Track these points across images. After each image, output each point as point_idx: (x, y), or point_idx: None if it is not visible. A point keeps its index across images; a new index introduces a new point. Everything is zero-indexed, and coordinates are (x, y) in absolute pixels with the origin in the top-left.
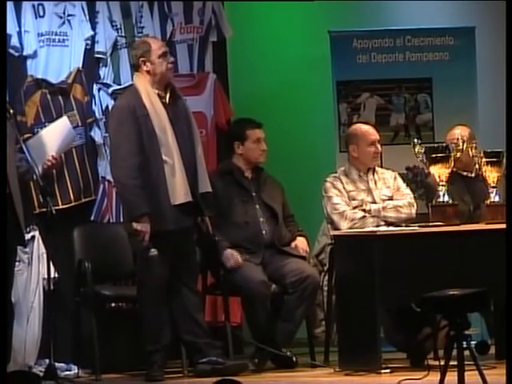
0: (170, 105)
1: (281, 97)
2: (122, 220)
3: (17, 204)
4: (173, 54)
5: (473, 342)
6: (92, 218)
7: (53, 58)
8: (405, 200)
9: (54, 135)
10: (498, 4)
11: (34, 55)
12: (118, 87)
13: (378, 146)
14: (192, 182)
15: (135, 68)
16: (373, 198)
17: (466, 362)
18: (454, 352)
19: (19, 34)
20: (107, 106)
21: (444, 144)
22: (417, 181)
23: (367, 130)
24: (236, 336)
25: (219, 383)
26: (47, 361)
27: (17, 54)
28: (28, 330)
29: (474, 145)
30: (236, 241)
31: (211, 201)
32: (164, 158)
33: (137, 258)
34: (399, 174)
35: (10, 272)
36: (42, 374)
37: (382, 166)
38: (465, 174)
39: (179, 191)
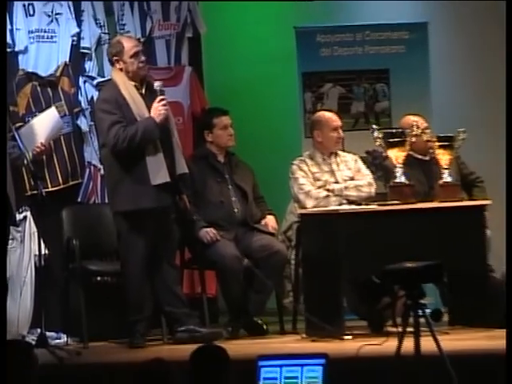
0: (147, 95)
1: (251, 87)
2: (106, 201)
3: (8, 187)
4: (150, 49)
5: (428, 310)
6: (79, 200)
7: (42, 53)
8: (365, 180)
9: (44, 124)
10: (450, 1)
11: (25, 51)
12: (102, 79)
13: (340, 131)
14: (170, 164)
15: (111, 64)
16: (336, 178)
17: (421, 329)
18: (411, 319)
19: (11, 31)
20: (92, 97)
21: (400, 130)
22: (376, 163)
23: (330, 117)
24: (211, 306)
25: (203, 348)
26: (39, 330)
27: (9, 50)
28: (21, 302)
29: (428, 130)
30: (211, 219)
31: (188, 182)
32: (148, 146)
33: (120, 236)
34: (360, 157)
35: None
36: (34, 343)
37: (343, 150)
38: (420, 157)
39: (158, 172)
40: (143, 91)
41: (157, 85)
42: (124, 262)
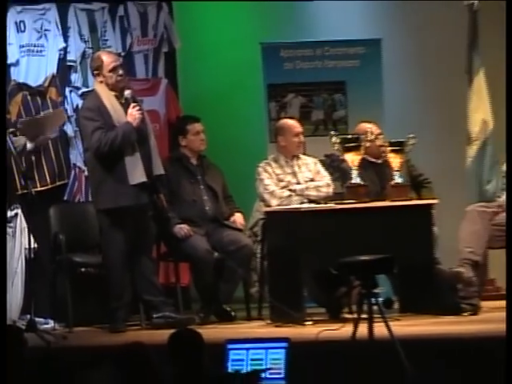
0: (126, 104)
1: (221, 97)
2: (90, 199)
3: None
4: (129, 63)
5: (380, 299)
6: (65, 198)
7: (32, 66)
8: (324, 181)
9: (50, 120)
10: (402, 19)
11: (17, 63)
12: (86, 90)
13: (302, 137)
14: (147, 166)
15: (93, 76)
16: (297, 179)
17: (374, 315)
18: (365, 307)
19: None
20: (77, 106)
21: (356, 135)
22: (333, 166)
23: (292, 124)
24: (185, 295)
25: (180, 333)
26: (28, 316)
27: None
28: (12, 291)
29: (381, 136)
30: (185, 216)
31: (164, 182)
32: (127, 151)
33: (102, 231)
34: (319, 160)
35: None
36: (24, 327)
37: (305, 154)
38: (373, 160)
39: (136, 173)
40: (123, 100)
41: (127, 93)
42: (106, 255)
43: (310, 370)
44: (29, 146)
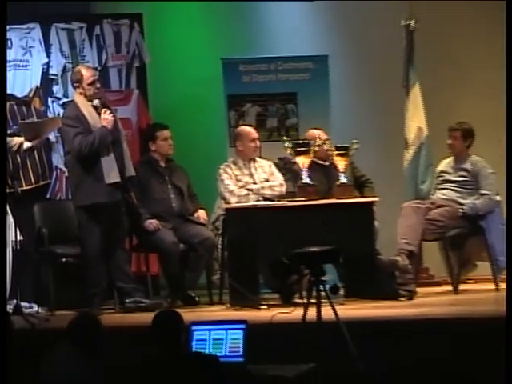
0: (99, 110)
1: (187, 106)
2: (70, 197)
3: None
4: (105, 76)
5: (327, 286)
6: (48, 196)
7: (18, 79)
8: (277, 181)
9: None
10: (348, 37)
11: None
12: (67, 100)
13: (257, 142)
14: (121, 167)
15: (73, 88)
16: (254, 180)
17: (322, 300)
18: (314, 293)
19: None
20: (59, 114)
21: (306, 141)
22: (286, 168)
23: (249, 130)
24: (154, 282)
25: (163, 313)
26: (15, 301)
27: None
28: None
29: (328, 141)
30: (154, 212)
31: (135, 182)
32: (102, 154)
33: (80, 225)
34: (273, 162)
35: None
36: (11, 311)
37: (260, 157)
38: (321, 162)
39: (111, 174)
40: (99, 110)
41: (96, 102)
42: (84, 247)
43: (265, 349)
44: (25, 145)
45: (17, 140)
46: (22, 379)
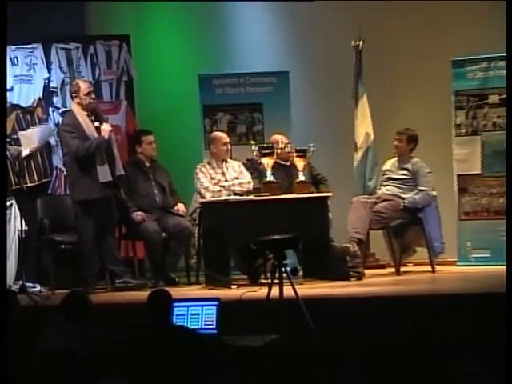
0: (95, 121)
1: (168, 115)
2: (67, 193)
3: None
4: (98, 89)
5: (288, 268)
6: (49, 192)
7: (23, 91)
8: (246, 179)
9: (39, 134)
10: (305, 55)
11: (11, 89)
12: (65, 109)
13: (229, 145)
14: (111, 168)
15: (71, 99)
16: (226, 178)
17: (284, 281)
18: (277, 274)
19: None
20: (58, 121)
21: (270, 144)
22: (253, 167)
23: (222, 135)
24: (140, 265)
25: (155, 293)
26: (20, 282)
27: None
28: (8, 262)
29: (289, 145)
30: (140, 206)
31: (124, 180)
32: (96, 156)
33: (77, 217)
34: (242, 163)
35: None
36: (17, 290)
37: (231, 158)
38: (283, 162)
39: (103, 173)
40: (92, 118)
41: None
42: (79, 235)
43: (235, 323)
44: (24, 153)
45: (16, 149)
46: (27, 347)
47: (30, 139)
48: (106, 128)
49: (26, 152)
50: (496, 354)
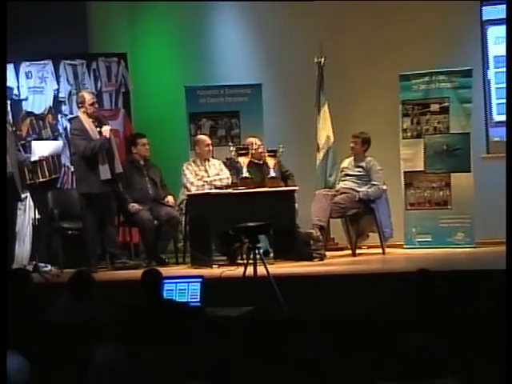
0: (98, 126)
1: (159, 120)
2: (74, 187)
3: (16, 179)
4: (100, 99)
5: (261, 250)
6: (58, 186)
7: (36, 100)
8: (225, 175)
9: (49, 147)
10: (275, 69)
11: (26, 99)
12: (72, 116)
13: (210, 147)
14: (111, 166)
15: (78, 107)
16: (208, 174)
17: (257, 261)
18: (251, 255)
19: (18, 87)
20: (66, 127)
21: (245, 146)
22: (231, 165)
23: (204, 138)
24: (136, 248)
25: (148, 271)
26: (34, 262)
27: (17, 98)
28: (23, 246)
29: (261, 146)
30: (135, 198)
31: (122, 176)
32: (100, 157)
33: (82, 207)
34: (222, 161)
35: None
36: (31, 269)
37: (213, 157)
38: (256, 161)
39: (104, 172)
40: (96, 123)
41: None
42: (84, 223)
43: (216, 297)
44: (32, 158)
45: (23, 155)
46: (39, 318)
47: (41, 148)
48: (106, 129)
49: (34, 158)
50: (437, 326)
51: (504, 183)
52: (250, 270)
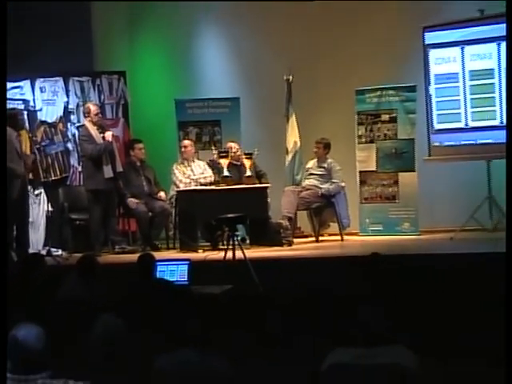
0: (102, 133)
1: (153, 128)
2: (81, 184)
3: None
4: (103, 110)
5: (239, 238)
6: (67, 183)
7: (49, 111)
8: (208, 174)
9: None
10: (251, 84)
11: (41, 109)
12: (79, 124)
13: (193, 150)
14: (113, 167)
15: (84, 117)
16: (194, 173)
17: (236, 246)
18: (231, 242)
19: (33, 100)
20: (74, 133)
21: (226, 149)
22: (214, 166)
23: (190, 143)
24: (133, 236)
25: (143, 255)
26: (47, 247)
27: (32, 109)
28: (38, 233)
29: (239, 149)
30: (133, 193)
31: (122, 175)
32: (103, 159)
33: (88, 201)
34: (206, 162)
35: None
36: (44, 254)
37: (198, 159)
38: (235, 162)
39: (108, 171)
40: (100, 130)
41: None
42: (90, 214)
43: (201, 277)
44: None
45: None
46: (52, 295)
47: None
48: (108, 134)
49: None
50: (386, 300)
51: (444, 181)
52: (229, 254)
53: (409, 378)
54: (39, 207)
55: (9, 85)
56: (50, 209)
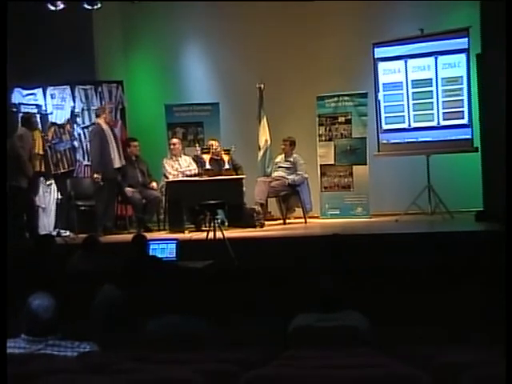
0: (112, 131)
1: (146, 128)
2: (86, 176)
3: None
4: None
5: (219, 221)
6: (74, 175)
7: (58, 114)
8: (193, 167)
9: None
10: (229, 92)
11: (51, 113)
12: (85, 125)
13: (180, 147)
14: (119, 159)
15: (97, 117)
16: (180, 167)
17: (216, 228)
18: (212, 224)
19: (45, 105)
20: (79, 133)
21: (207, 146)
22: (198, 160)
23: (177, 141)
24: (129, 219)
25: (138, 236)
26: (57, 229)
27: (44, 113)
28: (49, 218)
29: (219, 146)
30: (129, 183)
31: (120, 168)
32: (111, 150)
33: (94, 189)
34: (191, 157)
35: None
36: (55, 235)
37: (184, 154)
38: (216, 157)
39: (116, 162)
40: (110, 128)
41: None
42: (96, 200)
43: (187, 254)
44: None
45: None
46: (62, 268)
47: None
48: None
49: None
50: (344, 273)
51: (391, 173)
52: (211, 235)
53: (361, 337)
54: (50, 195)
55: (24, 92)
56: (60, 197)
